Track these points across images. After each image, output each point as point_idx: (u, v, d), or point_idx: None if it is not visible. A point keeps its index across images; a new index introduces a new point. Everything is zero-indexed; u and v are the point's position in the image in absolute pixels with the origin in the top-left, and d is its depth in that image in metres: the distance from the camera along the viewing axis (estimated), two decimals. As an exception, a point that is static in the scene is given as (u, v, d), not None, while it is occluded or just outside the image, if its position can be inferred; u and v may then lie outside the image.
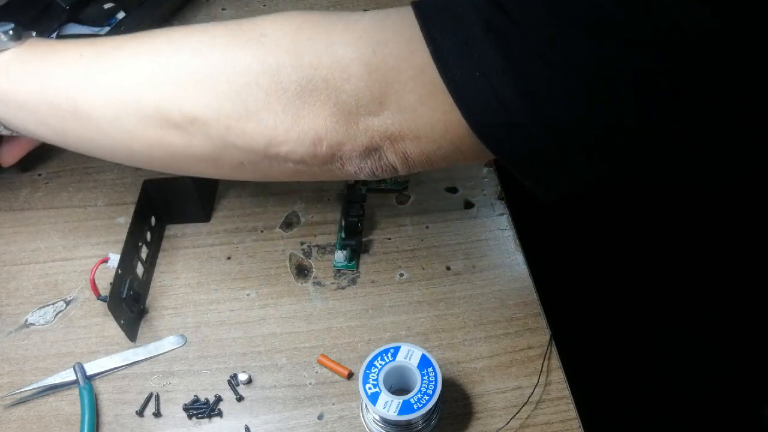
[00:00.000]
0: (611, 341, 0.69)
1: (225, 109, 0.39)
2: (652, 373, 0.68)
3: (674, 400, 0.67)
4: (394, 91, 0.37)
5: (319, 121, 0.38)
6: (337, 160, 0.41)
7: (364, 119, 0.38)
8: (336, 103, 0.38)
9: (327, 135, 0.39)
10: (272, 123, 0.39)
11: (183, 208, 0.57)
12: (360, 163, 0.41)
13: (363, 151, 0.40)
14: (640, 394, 0.68)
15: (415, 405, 0.42)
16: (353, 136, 0.39)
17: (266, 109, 0.39)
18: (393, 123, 0.38)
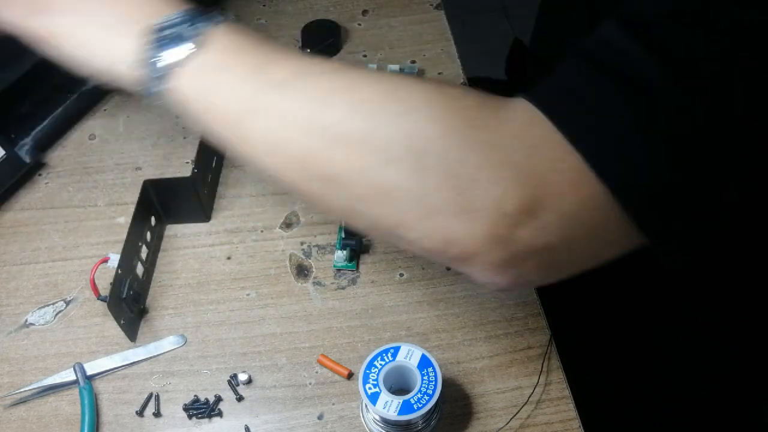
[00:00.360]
0: (611, 341, 0.69)
1: (362, 178, 0.37)
2: (652, 373, 0.68)
3: (674, 400, 0.67)
4: (549, 197, 0.34)
5: (455, 222, 0.35)
6: (467, 266, 0.37)
7: (508, 230, 0.35)
8: (478, 207, 0.35)
9: (460, 241, 0.36)
10: (405, 207, 0.36)
11: (183, 208, 0.57)
12: (494, 277, 0.37)
13: (500, 266, 0.36)
14: (640, 394, 0.68)
15: (415, 405, 0.42)
16: (491, 248, 0.35)
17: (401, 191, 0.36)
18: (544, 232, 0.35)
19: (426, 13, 0.76)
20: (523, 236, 0.35)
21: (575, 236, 0.35)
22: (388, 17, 0.76)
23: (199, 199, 0.57)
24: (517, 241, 0.35)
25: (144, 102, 0.42)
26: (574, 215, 0.34)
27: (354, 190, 0.38)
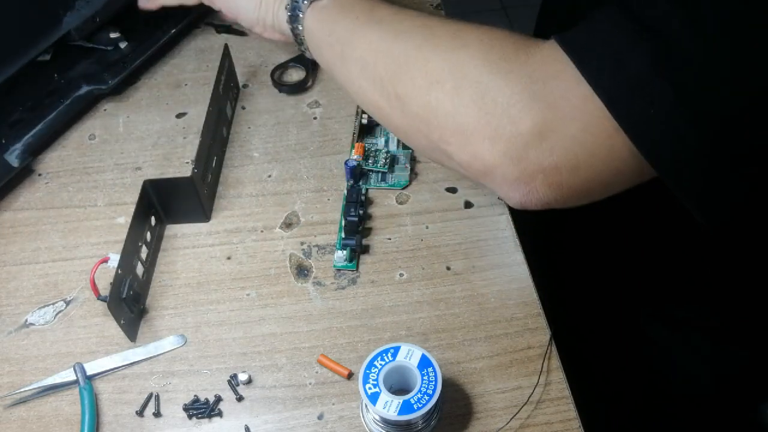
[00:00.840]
0: (611, 341, 0.69)
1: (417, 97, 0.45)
2: (652, 373, 0.68)
3: (674, 401, 0.67)
4: (556, 120, 0.39)
5: (479, 139, 0.42)
6: (488, 180, 0.43)
7: (521, 148, 0.40)
8: (497, 126, 0.41)
9: (482, 154, 0.42)
10: (445, 123, 0.44)
11: (183, 208, 0.57)
12: (510, 191, 0.43)
13: (514, 180, 0.42)
14: (640, 394, 0.68)
15: (415, 405, 0.42)
16: (506, 163, 0.41)
17: (443, 111, 0.43)
18: (551, 152, 0.40)
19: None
20: (532, 155, 0.40)
21: (579, 159, 0.40)
22: (388, 17, 0.76)
23: (199, 199, 0.57)
24: (528, 159, 0.40)
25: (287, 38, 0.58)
26: (578, 139, 0.39)
27: (411, 107, 0.46)
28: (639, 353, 0.68)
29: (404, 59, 0.46)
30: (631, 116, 0.37)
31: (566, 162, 0.40)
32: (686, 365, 0.67)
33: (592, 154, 0.39)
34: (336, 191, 0.61)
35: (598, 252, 0.69)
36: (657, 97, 0.36)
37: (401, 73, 0.46)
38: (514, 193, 0.42)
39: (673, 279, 0.64)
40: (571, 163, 0.40)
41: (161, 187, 0.55)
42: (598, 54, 0.38)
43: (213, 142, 0.61)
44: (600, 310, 0.69)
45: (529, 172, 0.41)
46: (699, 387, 0.67)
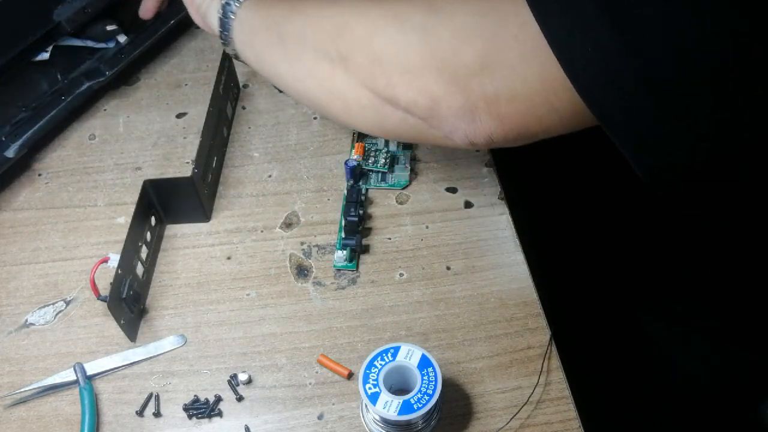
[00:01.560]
0: (611, 341, 0.69)
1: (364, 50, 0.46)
2: (652, 373, 0.68)
3: (674, 400, 0.67)
4: (495, 50, 0.40)
5: (426, 74, 0.43)
6: (434, 116, 0.44)
7: (464, 77, 0.41)
8: (443, 61, 0.42)
9: (428, 87, 0.43)
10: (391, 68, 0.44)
11: (183, 208, 0.57)
12: (455, 122, 0.43)
13: (459, 108, 0.42)
14: (640, 394, 0.68)
15: (415, 405, 0.42)
16: (451, 92, 0.42)
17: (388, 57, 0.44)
18: (491, 81, 0.40)
19: (426, 13, 0.76)
20: (474, 84, 0.41)
21: (516, 88, 0.40)
22: (388, 17, 0.76)
23: (199, 199, 0.57)
24: (470, 88, 0.41)
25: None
26: (515, 68, 0.39)
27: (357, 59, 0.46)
28: (639, 353, 0.68)
29: (344, 18, 0.47)
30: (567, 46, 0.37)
31: (504, 90, 0.40)
32: (686, 365, 0.67)
33: (527, 83, 0.40)
34: (336, 191, 0.61)
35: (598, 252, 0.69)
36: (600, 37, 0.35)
37: (342, 31, 0.47)
38: (460, 122, 0.43)
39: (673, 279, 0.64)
40: (509, 92, 0.40)
41: (161, 187, 0.55)
42: None
43: (213, 142, 0.61)
44: (600, 310, 0.69)
45: (472, 101, 0.42)
46: (699, 387, 0.67)
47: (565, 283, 0.70)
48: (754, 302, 0.62)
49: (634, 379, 0.68)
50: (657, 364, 0.68)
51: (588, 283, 0.70)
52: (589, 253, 0.70)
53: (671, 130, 0.37)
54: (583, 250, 0.70)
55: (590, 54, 0.36)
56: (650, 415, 0.68)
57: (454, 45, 0.41)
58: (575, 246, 0.71)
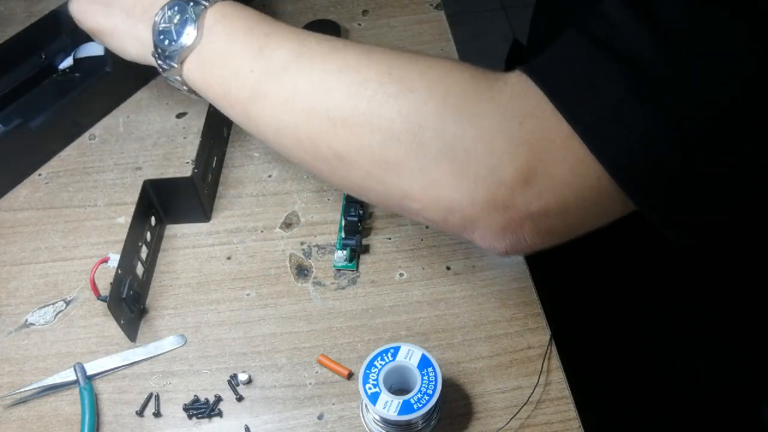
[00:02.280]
0: (611, 341, 0.69)
1: (367, 155, 0.39)
2: (652, 373, 0.68)
3: (674, 400, 0.67)
4: (541, 164, 0.36)
5: (455, 191, 0.37)
6: (468, 233, 0.39)
7: (505, 196, 0.36)
8: (476, 177, 0.36)
9: (461, 208, 0.38)
10: (408, 180, 0.38)
11: (183, 208, 0.57)
12: (493, 241, 0.39)
13: (499, 231, 0.38)
14: (640, 394, 0.68)
15: (415, 405, 0.42)
16: (490, 214, 0.37)
17: (404, 166, 0.38)
18: (539, 198, 0.36)
19: (426, 13, 0.76)
20: (519, 202, 0.36)
21: (569, 201, 0.36)
22: (388, 17, 0.76)
23: (199, 199, 0.57)
24: (514, 206, 0.36)
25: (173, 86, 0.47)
26: (566, 181, 0.36)
27: (360, 167, 0.40)
28: (639, 353, 0.68)
29: (336, 116, 0.39)
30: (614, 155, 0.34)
31: (556, 206, 0.37)
32: (686, 365, 0.67)
33: (581, 196, 0.36)
34: (336, 191, 0.61)
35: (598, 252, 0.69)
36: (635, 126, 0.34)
37: (337, 131, 0.39)
38: (500, 243, 0.39)
39: (673, 279, 0.64)
40: (561, 206, 0.37)
41: (161, 187, 0.55)
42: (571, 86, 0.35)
43: (213, 142, 0.61)
44: (600, 310, 0.69)
45: (517, 220, 0.37)
46: (699, 387, 0.67)
47: (565, 283, 0.70)
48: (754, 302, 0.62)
49: (634, 379, 0.68)
50: (657, 363, 0.68)
51: (588, 283, 0.70)
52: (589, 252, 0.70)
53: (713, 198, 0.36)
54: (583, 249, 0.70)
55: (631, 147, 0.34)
56: (650, 415, 0.68)
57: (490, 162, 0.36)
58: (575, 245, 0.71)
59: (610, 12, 0.35)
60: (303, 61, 0.41)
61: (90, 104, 0.66)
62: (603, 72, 0.34)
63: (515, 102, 0.37)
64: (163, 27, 0.44)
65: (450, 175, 0.37)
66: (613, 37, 0.34)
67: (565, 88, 0.35)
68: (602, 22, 0.35)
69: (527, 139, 0.36)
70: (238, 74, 0.43)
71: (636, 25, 0.34)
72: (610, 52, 0.34)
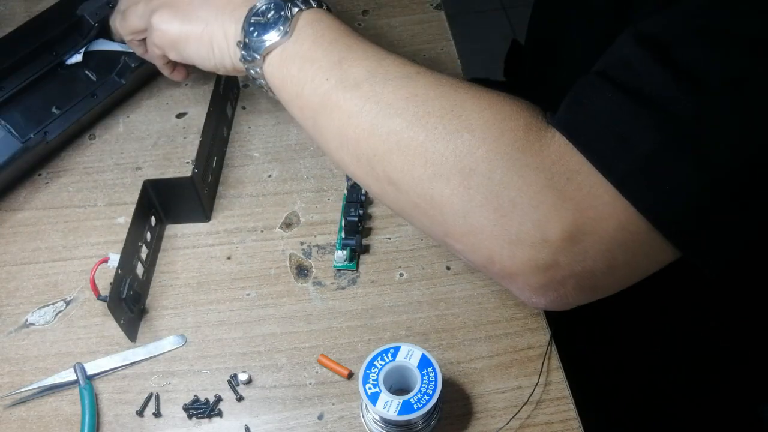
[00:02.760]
0: (611, 341, 0.69)
1: (416, 186, 0.40)
2: (652, 373, 0.68)
3: (674, 400, 0.67)
4: (589, 222, 0.35)
5: (496, 243, 0.37)
6: (507, 283, 0.39)
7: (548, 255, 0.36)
8: (519, 230, 0.36)
9: (500, 260, 0.37)
10: (452, 221, 0.38)
11: (183, 208, 0.57)
12: (532, 297, 0.39)
13: (539, 288, 0.38)
14: (640, 394, 0.68)
15: (415, 405, 0.42)
16: (530, 272, 0.37)
17: (449, 206, 0.38)
18: (584, 256, 0.35)
19: (426, 13, 0.76)
20: (563, 262, 0.36)
21: (615, 259, 0.36)
22: (388, 17, 0.76)
23: (199, 199, 0.57)
24: (558, 266, 0.36)
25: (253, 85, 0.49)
26: (613, 239, 0.35)
27: (409, 196, 0.40)
28: (639, 353, 0.68)
29: (395, 141, 0.40)
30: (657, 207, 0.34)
31: (602, 265, 0.36)
32: (686, 365, 0.67)
33: (630, 252, 0.36)
34: (336, 191, 0.61)
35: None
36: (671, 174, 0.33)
37: (393, 156, 0.40)
38: (539, 299, 0.39)
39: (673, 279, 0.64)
40: (608, 264, 0.36)
41: (161, 187, 0.55)
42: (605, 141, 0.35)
43: (213, 142, 0.61)
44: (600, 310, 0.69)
45: (559, 279, 0.36)
46: (699, 387, 0.67)
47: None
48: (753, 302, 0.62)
49: (634, 379, 0.68)
50: (657, 364, 0.68)
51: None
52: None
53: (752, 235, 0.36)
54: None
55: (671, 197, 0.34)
56: (650, 415, 0.68)
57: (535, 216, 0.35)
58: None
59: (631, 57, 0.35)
60: (376, 81, 0.42)
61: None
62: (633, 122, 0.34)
63: (561, 156, 0.36)
64: (255, 20, 0.45)
65: (493, 225, 0.36)
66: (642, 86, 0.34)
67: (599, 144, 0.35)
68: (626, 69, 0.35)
69: (573, 196, 0.35)
70: (314, 79, 0.44)
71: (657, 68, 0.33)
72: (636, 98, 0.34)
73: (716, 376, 0.67)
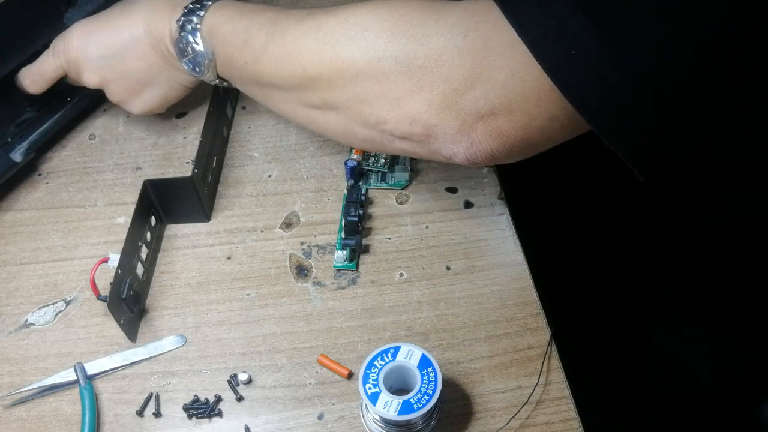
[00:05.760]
0: (611, 341, 0.69)
1: (345, 95, 0.46)
2: (653, 373, 0.68)
3: (674, 400, 0.67)
4: (485, 69, 0.40)
5: (415, 104, 0.43)
6: (432, 141, 0.44)
7: (456, 101, 0.41)
8: (431, 87, 0.42)
9: (421, 116, 0.43)
10: (378, 106, 0.45)
11: (183, 208, 0.57)
12: (453, 147, 0.43)
13: (456, 133, 0.43)
14: (641, 394, 0.68)
15: (415, 405, 0.42)
16: (446, 118, 0.42)
17: (373, 95, 0.44)
18: (485, 100, 0.40)
19: (426, 13, 0.76)
20: (467, 104, 0.41)
21: (512, 102, 0.40)
22: (388, 17, 0.76)
23: (199, 199, 0.57)
24: (464, 108, 0.41)
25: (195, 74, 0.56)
26: (509, 84, 0.40)
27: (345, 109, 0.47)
28: (639, 353, 0.68)
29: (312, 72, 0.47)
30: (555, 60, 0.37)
31: (500, 106, 0.40)
32: (686, 365, 0.67)
33: (523, 98, 0.39)
34: (336, 191, 0.61)
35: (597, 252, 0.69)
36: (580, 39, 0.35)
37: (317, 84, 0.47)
38: (459, 146, 0.43)
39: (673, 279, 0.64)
40: (505, 107, 0.40)
41: (161, 187, 0.55)
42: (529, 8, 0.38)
43: (213, 142, 0.61)
44: (600, 310, 0.69)
45: (469, 122, 0.42)
46: (699, 387, 0.67)
47: (565, 283, 0.70)
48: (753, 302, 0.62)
49: (634, 379, 0.68)
50: (656, 363, 0.68)
51: (588, 282, 0.70)
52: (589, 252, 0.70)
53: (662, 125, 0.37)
54: (583, 249, 0.70)
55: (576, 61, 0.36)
56: (650, 415, 0.68)
57: (441, 72, 0.41)
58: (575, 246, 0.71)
59: None
60: (276, 39, 0.49)
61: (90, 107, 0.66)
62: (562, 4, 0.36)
63: (461, 18, 0.41)
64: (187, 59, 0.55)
65: (409, 91, 0.43)
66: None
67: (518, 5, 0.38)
68: None
69: (470, 49, 0.40)
70: (242, 68, 0.52)
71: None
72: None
73: (716, 376, 0.67)
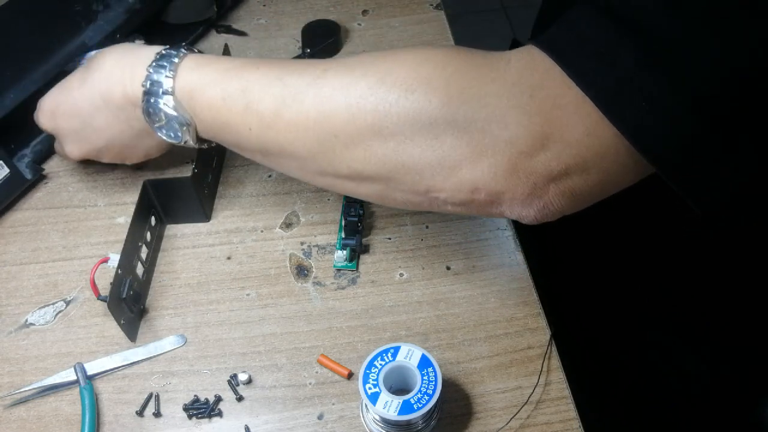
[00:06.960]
0: (611, 341, 0.69)
1: (387, 166, 0.40)
2: (652, 374, 0.68)
3: (674, 400, 0.67)
4: (556, 129, 0.37)
5: (477, 170, 0.39)
6: (497, 206, 0.41)
7: (525, 164, 0.38)
8: (494, 152, 0.38)
9: (485, 184, 0.39)
10: (430, 175, 0.40)
11: (183, 208, 0.57)
12: (522, 210, 0.40)
13: (525, 198, 0.39)
14: (640, 395, 0.68)
15: (415, 405, 0.42)
16: (514, 183, 0.39)
17: (423, 163, 0.39)
18: (557, 161, 0.38)
19: (426, 13, 0.76)
20: (539, 166, 0.38)
21: (587, 161, 0.38)
22: (388, 17, 0.76)
23: (199, 199, 0.57)
24: (535, 171, 0.38)
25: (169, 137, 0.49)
26: (583, 143, 0.37)
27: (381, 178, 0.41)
28: (638, 353, 0.68)
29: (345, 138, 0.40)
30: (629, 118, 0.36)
31: (575, 166, 0.38)
32: (685, 365, 0.67)
33: (600, 156, 0.37)
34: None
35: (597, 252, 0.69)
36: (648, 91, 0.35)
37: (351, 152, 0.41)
38: (529, 210, 0.40)
39: (673, 279, 0.64)
40: (580, 166, 0.38)
41: (161, 187, 0.55)
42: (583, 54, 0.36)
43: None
44: (600, 310, 0.69)
45: (540, 184, 0.39)
46: (698, 387, 0.67)
47: (565, 283, 0.70)
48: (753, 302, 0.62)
49: (634, 379, 0.68)
50: (656, 363, 0.68)
51: (588, 283, 0.70)
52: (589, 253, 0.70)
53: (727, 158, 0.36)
54: (583, 249, 0.70)
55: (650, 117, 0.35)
56: (650, 415, 0.68)
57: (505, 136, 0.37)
58: (575, 246, 0.71)
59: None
60: (291, 103, 0.42)
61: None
62: (612, 39, 0.35)
63: (522, 77, 0.38)
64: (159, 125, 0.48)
65: (469, 157, 0.38)
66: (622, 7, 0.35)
67: (576, 56, 0.36)
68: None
69: (539, 109, 0.37)
70: (245, 135, 0.45)
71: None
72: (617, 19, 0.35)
73: (716, 376, 0.67)
